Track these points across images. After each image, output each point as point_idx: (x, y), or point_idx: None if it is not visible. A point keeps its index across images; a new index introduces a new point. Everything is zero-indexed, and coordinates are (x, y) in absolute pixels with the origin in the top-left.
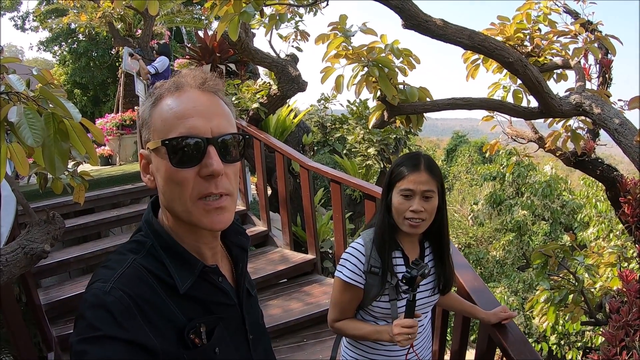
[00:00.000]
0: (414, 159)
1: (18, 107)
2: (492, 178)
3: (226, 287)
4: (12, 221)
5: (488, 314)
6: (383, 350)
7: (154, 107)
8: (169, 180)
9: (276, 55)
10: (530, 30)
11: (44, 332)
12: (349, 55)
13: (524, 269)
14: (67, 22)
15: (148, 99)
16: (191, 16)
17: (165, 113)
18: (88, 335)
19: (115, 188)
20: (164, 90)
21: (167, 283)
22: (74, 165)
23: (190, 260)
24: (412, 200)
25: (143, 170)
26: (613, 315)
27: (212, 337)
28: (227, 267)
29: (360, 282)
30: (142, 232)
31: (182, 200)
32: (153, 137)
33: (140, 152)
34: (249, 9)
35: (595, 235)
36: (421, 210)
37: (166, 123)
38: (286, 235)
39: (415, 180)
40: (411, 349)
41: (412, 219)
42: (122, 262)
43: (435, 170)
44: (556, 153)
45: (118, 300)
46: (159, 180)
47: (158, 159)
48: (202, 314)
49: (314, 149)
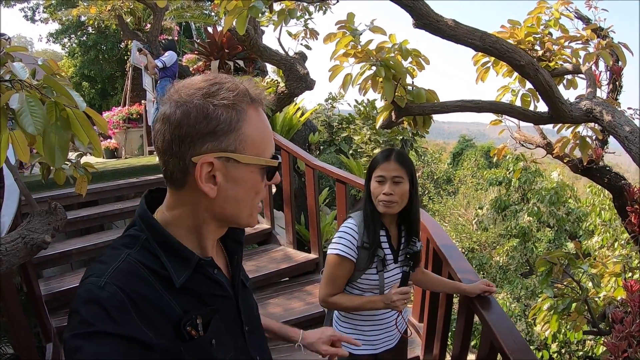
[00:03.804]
0: (387, 152)
1: (20, 94)
2: (497, 183)
3: (221, 279)
4: (15, 211)
5: (471, 286)
6: (376, 319)
7: (243, 120)
8: (252, 191)
9: (285, 53)
10: (541, 34)
11: (43, 323)
12: (357, 53)
13: (527, 276)
14: (76, 15)
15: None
16: (201, 12)
17: (262, 131)
18: (82, 331)
19: (120, 181)
20: (242, 99)
21: (162, 276)
22: (77, 156)
23: (185, 254)
24: (384, 185)
25: (207, 181)
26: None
27: (209, 329)
28: (222, 260)
29: (353, 257)
30: (135, 226)
31: (252, 206)
32: (244, 150)
33: (210, 160)
34: (258, 3)
35: (600, 244)
36: (391, 193)
37: (264, 142)
38: (289, 234)
39: (386, 167)
40: (399, 315)
41: (384, 201)
42: (116, 256)
43: (404, 160)
44: (564, 160)
45: (112, 295)
46: (235, 190)
47: (247, 172)
48: (197, 306)
49: (320, 148)
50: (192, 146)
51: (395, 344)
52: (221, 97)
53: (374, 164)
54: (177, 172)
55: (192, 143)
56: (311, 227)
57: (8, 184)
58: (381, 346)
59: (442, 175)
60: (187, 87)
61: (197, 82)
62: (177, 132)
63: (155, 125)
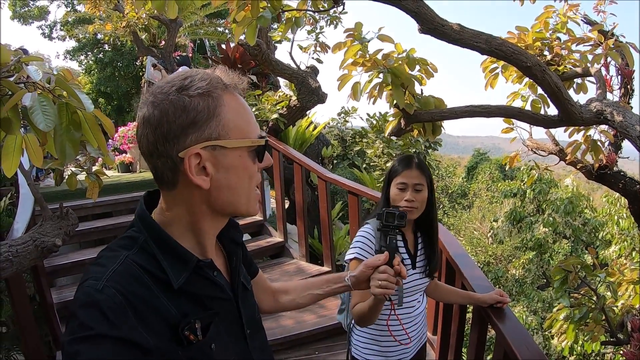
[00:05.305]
0: (408, 159)
1: (33, 93)
2: (512, 195)
3: (221, 281)
4: (29, 219)
5: (483, 296)
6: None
7: (220, 105)
8: (246, 176)
9: (296, 67)
10: (550, 39)
11: (54, 331)
12: (365, 62)
13: (543, 288)
14: (92, 31)
15: (189, 92)
16: (214, 29)
17: (242, 113)
18: (80, 335)
19: (134, 194)
20: (216, 85)
21: (160, 279)
22: (87, 160)
23: (184, 255)
24: (405, 192)
25: (197, 173)
26: (635, 334)
27: (208, 333)
28: (221, 261)
29: None
30: (134, 227)
31: (249, 192)
32: (227, 135)
33: (197, 152)
34: (266, 13)
35: (618, 254)
36: (413, 200)
37: (247, 124)
38: (302, 247)
39: (408, 175)
40: (392, 311)
41: (406, 207)
42: (115, 259)
43: (424, 168)
44: (577, 166)
45: (110, 298)
46: (228, 177)
47: (235, 157)
48: (196, 309)
49: (333, 162)
50: (176, 142)
51: (412, 357)
52: (195, 87)
53: (394, 171)
54: (167, 171)
55: (176, 138)
56: (324, 240)
57: (23, 192)
58: (396, 358)
59: (457, 189)
60: (160, 87)
61: (169, 80)
62: (159, 132)
63: (137, 130)
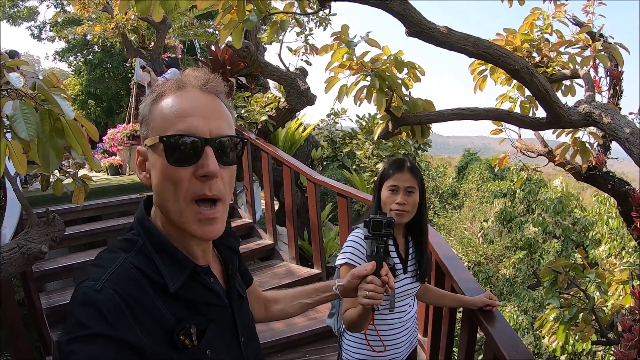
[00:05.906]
0: (400, 162)
1: (14, 101)
2: (502, 195)
3: (217, 288)
4: (16, 224)
5: (473, 299)
6: (383, 334)
7: (155, 104)
8: (165, 179)
9: (285, 69)
10: (538, 41)
11: (43, 336)
12: (352, 65)
13: (534, 288)
14: (81, 33)
15: (149, 95)
16: (204, 30)
17: (165, 110)
18: (77, 334)
19: (124, 197)
20: (166, 88)
21: (157, 283)
22: (74, 166)
23: (182, 260)
24: (397, 194)
25: (139, 167)
26: (625, 334)
27: (203, 339)
28: (218, 269)
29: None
30: (133, 230)
31: (176, 200)
32: (151, 133)
33: (138, 148)
34: (252, 16)
35: (607, 253)
36: (404, 203)
37: (165, 120)
38: (292, 249)
39: (400, 178)
40: (379, 340)
41: (397, 211)
42: (113, 260)
43: (416, 171)
44: (566, 167)
45: (108, 298)
46: (154, 177)
47: (155, 156)
48: (192, 315)
49: (322, 163)
50: (141, 138)
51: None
52: (156, 93)
53: (386, 174)
54: None
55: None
56: (313, 242)
57: (10, 197)
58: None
59: (447, 190)
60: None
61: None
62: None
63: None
